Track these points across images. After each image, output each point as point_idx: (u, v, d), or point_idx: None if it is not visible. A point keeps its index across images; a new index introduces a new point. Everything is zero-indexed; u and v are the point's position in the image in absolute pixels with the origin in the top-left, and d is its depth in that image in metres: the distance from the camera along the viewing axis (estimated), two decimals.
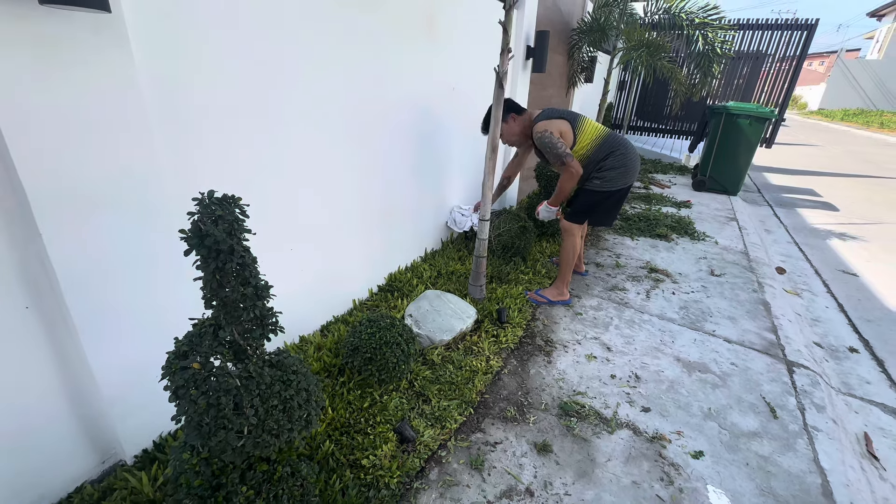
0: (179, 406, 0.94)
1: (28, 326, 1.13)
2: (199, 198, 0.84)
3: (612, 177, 2.43)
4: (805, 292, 3.39)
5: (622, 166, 2.42)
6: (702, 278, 3.20)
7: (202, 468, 1.05)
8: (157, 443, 1.46)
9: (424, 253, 3.03)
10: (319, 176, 1.93)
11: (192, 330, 0.99)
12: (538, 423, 1.76)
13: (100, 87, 1.07)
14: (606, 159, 2.42)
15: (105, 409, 1.29)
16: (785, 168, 8.52)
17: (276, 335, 1.06)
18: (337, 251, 2.16)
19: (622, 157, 2.42)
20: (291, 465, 1.18)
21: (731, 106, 5.39)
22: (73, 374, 1.23)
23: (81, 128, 1.06)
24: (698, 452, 1.67)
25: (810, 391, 2.07)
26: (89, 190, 1.12)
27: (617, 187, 2.47)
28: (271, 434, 0.99)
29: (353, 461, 1.47)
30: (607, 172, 2.43)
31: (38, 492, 1.24)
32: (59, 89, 1.01)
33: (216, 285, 0.90)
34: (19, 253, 1.07)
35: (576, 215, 2.59)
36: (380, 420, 1.63)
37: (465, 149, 3.16)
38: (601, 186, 2.46)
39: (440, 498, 1.42)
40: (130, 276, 1.25)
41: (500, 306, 2.41)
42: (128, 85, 1.12)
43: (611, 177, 2.44)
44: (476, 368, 1.98)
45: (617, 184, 2.46)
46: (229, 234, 0.85)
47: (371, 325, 1.81)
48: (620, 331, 2.45)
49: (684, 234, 4.09)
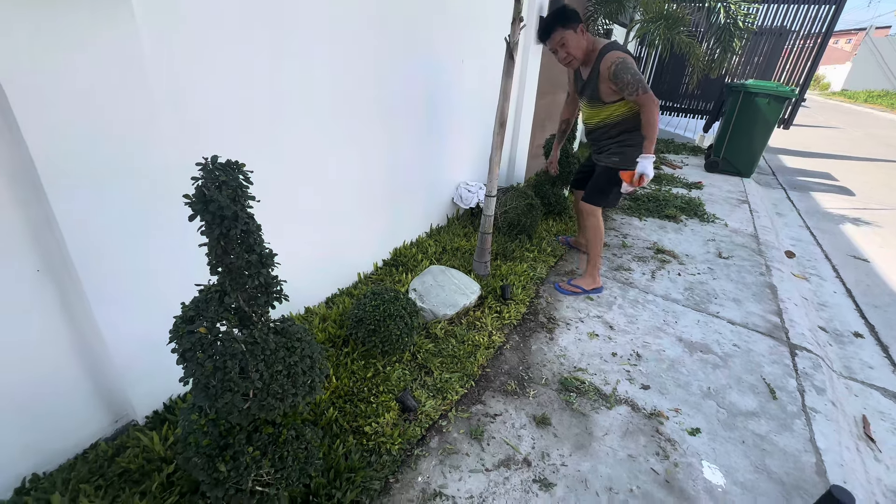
0: (187, 368, 0.97)
1: (40, 289, 1.15)
2: (203, 163, 0.84)
3: (632, 155, 2.27)
4: (813, 277, 3.36)
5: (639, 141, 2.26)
6: (709, 260, 3.17)
7: (210, 429, 1.09)
8: (167, 405, 1.51)
9: (430, 229, 3.03)
10: (326, 149, 1.91)
11: (199, 296, 1.01)
12: (538, 397, 1.79)
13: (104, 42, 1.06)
14: (633, 131, 2.24)
15: (116, 370, 1.32)
16: (802, 150, 8.30)
17: (281, 303, 1.07)
18: (343, 224, 2.17)
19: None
20: (296, 429, 1.22)
21: (749, 84, 5.21)
22: (84, 336, 1.27)
23: (86, 90, 1.06)
24: (695, 429, 1.69)
25: (811, 374, 2.07)
26: (97, 154, 1.12)
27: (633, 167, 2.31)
28: (276, 398, 1.02)
29: (355, 428, 1.51)
30: (627, 149, 2.28)
31: (56, 447, 1.29)
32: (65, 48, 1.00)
33: (221, 252, 0.90)
34: (28, 216, 1.08)
35: (596, 196, 2.45)
36: (382, 390, 1.67)
37: (472, 123, 3.10)
38: (619, 164, 2.32)
39: (440, 465, 1.46)
40: (138, 241, 1.26)
41: (504, 283, 2.42)
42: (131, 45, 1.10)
43: (630, 154, 2.28)
44: (478, 343, 2.00)
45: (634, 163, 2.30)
46: (233, 200, 0.85)
47: (375, 298, 1.83)
48: (624, 310, 2.45)
49: (693, 215, 4.04)
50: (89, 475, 1.25)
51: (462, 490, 1.39)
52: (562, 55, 2.23)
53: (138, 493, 1.21)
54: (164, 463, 1.30)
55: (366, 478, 1.34)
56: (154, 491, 1.21)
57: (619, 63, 2.08)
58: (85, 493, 1.19)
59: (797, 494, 1.47)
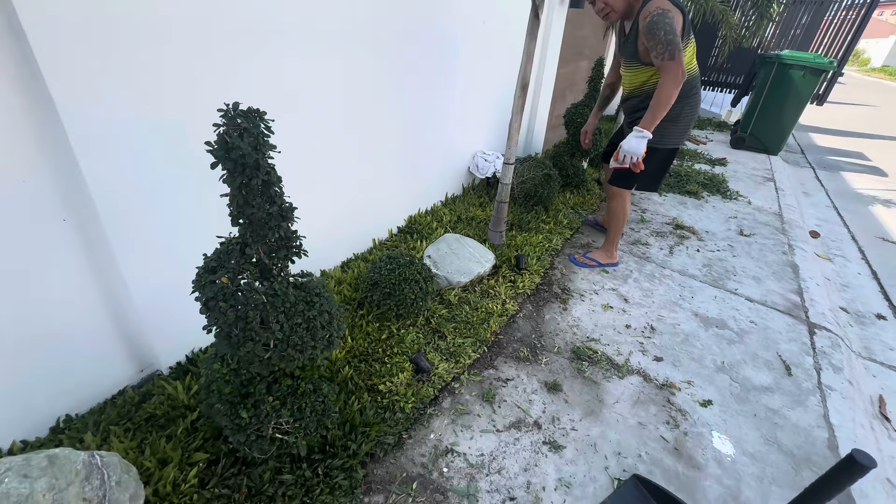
0: (210, 317, 0.99)
1: (66, 238, 1.18)
2: (225, 109, 0.83)
3: (672, 131, 2.04)
4: (838, 258, 3.26)
5: (689, 117, 2.06)
6: (730, 237, 3.10)
7: (232, 378, 1.12)
8: (189, 357, 1.56)
9: (445, 197, 3.00)
10: (343, 114, 1.88)
11: (220, 247, 1.02)
12: (550, 365, 1.80)
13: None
14: (678, 102, 1.96)
15: (140, 319, 1.37)
16: (834, 129, 7.92)
17: (300, 258, 1.08)
18: (359, 190, 2.15)
19: (693, 107, 2.05)
20: (313, 382, 1.25)
21: (784, 55, 4.94)
22: (110, 286, 1.30)
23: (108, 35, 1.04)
24: (707, 401, 1.69)
25: (829, 353, 2.04)
26: (120, 101, 1.11)
27: (670, 145, 2.11)
28: (296, 349, 1.04)
29: (370, 386, 1.55)
30: (667, 124, 2.02)
31: (86, 392, 1.36)
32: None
33: (242, 202, 0.90)
34: (54, 165, 1.10)
35: (622, 177, 2.26)
36: (396, 351, 1.69)
37: (492, 89, 3.01)
38: (656, 142, 2.05)
39: (452, 424, 1.50)
40: (161, 192, 1.28)
41: (518, 253, 2.41)
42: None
43: (667, 132, 2.04)
44: (492, 310, 2.01)
45: (671, 139, 2.09)
46: (255, 149, 0.84)
47: (391, 262, 1.83)
48: (639, 284, 2.43)
49: (716, 192, 3.92)
50: (118, 418, 1.32)
51: (473, 448, 1.42)
52: (599, 5, 1.98)
53: (164, 436, 1.27)
54: (187, 410, 1.35)
55: (380, 432, 1.38)
56: (179, 435, 1.27)
57: (656, 15, 1.78)
58: (115, 434, 1.25)
59: (807, 467, 1.48)
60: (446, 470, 1.34)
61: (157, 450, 1.22)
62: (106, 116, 1.11)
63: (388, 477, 1.31)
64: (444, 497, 1.27)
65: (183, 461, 1.21)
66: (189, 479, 1.16)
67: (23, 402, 1.22)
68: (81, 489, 0.89)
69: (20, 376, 1.19)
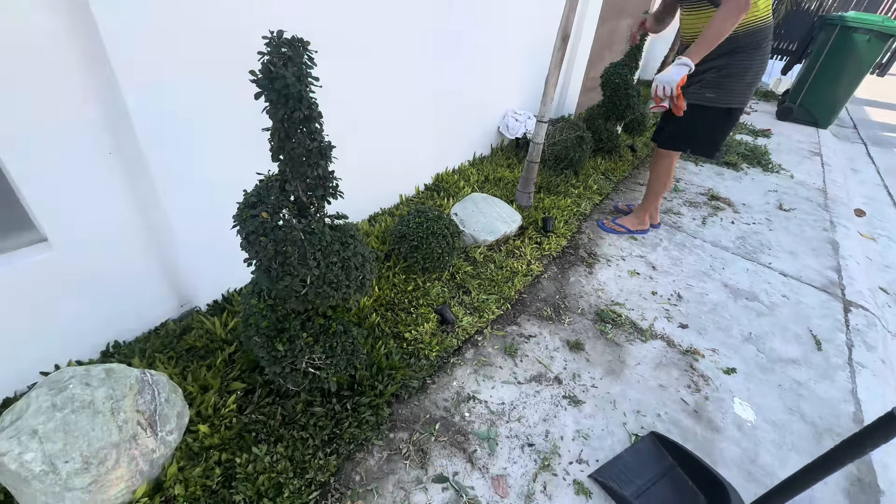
0: (250, 251, 1.02)
1: (112, 172, 1.22)
2: (269, 37, 0.82)
3: (736, 88, 1.84)
4: (883, 238, 3.10)
5: (756, 74, 1.84)
6: (767, 211, 2.97)
7: (268, 313, 1.17)
8: (225, 297, 1.63)
9: (473, 157, 2.95)
10: (373, 66, 1.83)
11: (260, 184, 1.04)
12: (573, 325, 1.81)
13: None
14: (738, 53, 1.78)
15: (181, 258, 1.42)
16: (892, 103, 7.33)
17: (336, 199, 1.09)
18: (388, 144, 2.13)
19: (762, 63, 1.83)
20: (343, 324, 1.29)
21: (849, 16, 4.52)
22: (153, 222, 1.35)
23: None
24: (731, 369, 1.68)
25: (864, 331, 1.98)
26: (163, 37, 1.11)
27: (733, 104, 1.90)
28: (331, 286, 1.07)
29: (396, 333, 1.59)
30: (726, 81, 1.83)
31: (132, 322, 1.44)
32: None
33: (283, 135, 0.91)
34: (100, 100, 1.12)
35: (674, 138, 2.08)
36: (422, 303, 1.73)
37: (530, 44, 2.88)
38: (715, 101, 1.89)
39: (474, 374, 1.54)
40: (203, 130, 1.29)
41: (546, 215, 2.37)
42: None
43: (734, 87, 1.85)
44: (516, 270, 2.01)
45: (735, 98, 1.88)
46: (298, 79, 0.83)
47: (419, 216, 1.84)
48: (668, 252, 2.38)
49: (757, 164, 3.74)
50: (162, 347, 1.40)
51: (494, 397, 1.46)
52: None
53: (204, 366, 1.35)
54: (225, 344, 1.42)
55: (405, 376, 1.43)
56: (218, 365, 1.34)
57: None
58: (160, 360, 1.33)
59: (828, 437, 1.47)
60: (468, 415, 1.39)
61: (199, 377, 1.30)
62: (150, 42, 1.11)
63: (412, 417, 1.36)
64: (466, 438, 1.32)
65: (222, 388, 1.29)
66: (228, 404, 1.24)
67: (75, 328, 1.30)
68: (135, 401, 0.96)
69: (72, 303, 1.26)
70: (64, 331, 1.28)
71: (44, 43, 1.00)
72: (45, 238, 1.17)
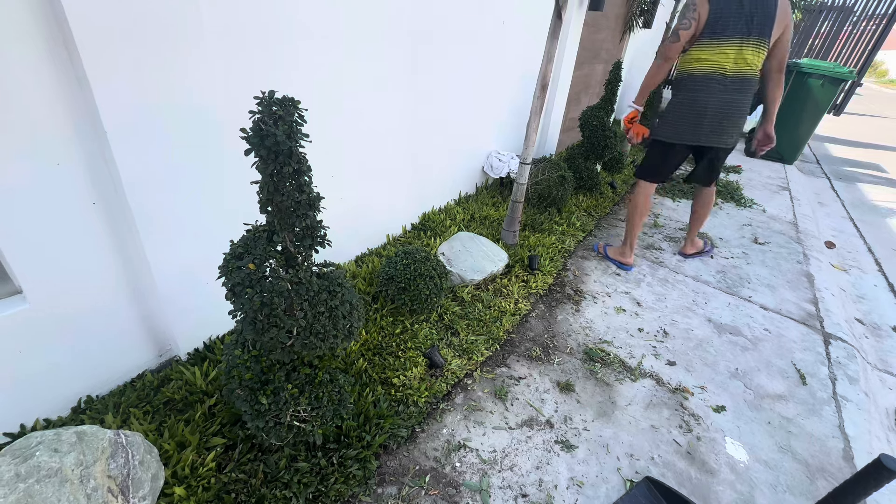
0: (235, 302, 1.00)
1: (94, 222, 1.20)
2: (260, 97, 0.84)
3: (661, 125, 2.20)
4: (854, 269, 3.22)
5: (679, 117, 2.15)
6: (744, 245, 3.07)
7: (252, 364, 1.14)
8: (206, 345, 1.58)
9: (458, 196, 3.01)
10: (360, 110, 1.89)
11: (247, 234, 1.03)
12: (562, 365, 1.80)
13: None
14: (678, 95, 2.13)
15: (162, 306, 1.39)
16: (850, 140, 7.82)
17: (324, 247, 1.09)
18: (374, 185, 2.17)
19: (685, 108, 2.13)
20: (330, 372, 1.26)
21: (803, 63, 4.90)
22: (134, 270, 1.32)
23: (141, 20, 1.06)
24: (720, 407, 1.68)
25: (845, 363, 2.02)
26: (152, 91, 1.13)
27: (661, 137, 2.25)
28: (318, 337, 1.05)
29: (384, 379, 1.56)
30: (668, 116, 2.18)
31: (106, 374, 1.38)
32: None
33: (272, 189, 0.91)
34: (86, 151, 1.12)
35: (640, 168, 2.44)
36: (410, 346, 1.70)
37: (509, 89, 3.02)
38: (657, 133, 2.27)
39: (464, 420, 1.50)
40: (188, 180, 1.29)
41: (532, 253, 2.40)
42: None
43: (658, 124, 2.23)
44: (504, 309, 2.01)
45: (661, 133, 2.23)
46: (288, 136, 0.85)
47: (406, 257, 1.84)
48: (652, 288, 2.42)
49: (730, 199, 3.89)
50: (137, 401, 1.34)
51: (486, 444, 1.42)
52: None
53: (182, 420, 1.29)
54: (205, 396, 1.37)
55: (394, 425, 1.39)
56: (197, 420, 1.28)
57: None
58: (135, 416, 1.27)
59: (822, 476, 1.46)
60: (459, 465, 1.35)
61: (176, 433, 1.24)
62: (139, 102, 1.13)
63: (401, 469, 1.31)
64: (457, 491, 1.27)
65: (201, 445, 1.23)
66: (207, 462, 1.18)
67: (46, 382, 1.24)
68: (107, 466, 0.91)
69: (44, 356, 1.21)
70: (34, 385, 1.21)
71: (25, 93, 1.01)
72: (20, 290, 1.14)
